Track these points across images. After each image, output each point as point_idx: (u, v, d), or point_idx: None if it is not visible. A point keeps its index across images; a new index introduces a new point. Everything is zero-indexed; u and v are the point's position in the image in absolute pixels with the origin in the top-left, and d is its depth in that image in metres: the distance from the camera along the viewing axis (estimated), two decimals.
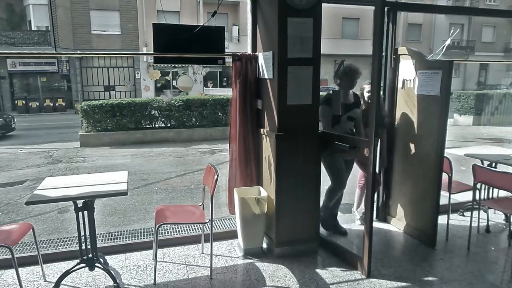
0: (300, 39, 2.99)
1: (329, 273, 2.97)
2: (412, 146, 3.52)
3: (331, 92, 3.44)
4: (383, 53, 3.43)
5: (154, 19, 19.35)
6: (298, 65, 3.03)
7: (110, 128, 10.59)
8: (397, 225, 3.83)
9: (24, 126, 14.36)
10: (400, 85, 3.64)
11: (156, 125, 11.18)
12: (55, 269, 3.02)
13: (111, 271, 2.84)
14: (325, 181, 3.46)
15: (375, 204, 3.79)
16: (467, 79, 29.01)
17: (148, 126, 11.05)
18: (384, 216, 3.97)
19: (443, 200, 3.46)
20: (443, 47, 5.45)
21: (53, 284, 2.70)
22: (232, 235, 3.59)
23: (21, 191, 6.01)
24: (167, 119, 11.10)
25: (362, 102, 3.64)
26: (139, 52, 22.62)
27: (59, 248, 3.42)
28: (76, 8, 20.75)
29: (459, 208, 4.19)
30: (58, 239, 3.71)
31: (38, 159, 8.66)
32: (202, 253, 3.32)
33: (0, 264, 3.03)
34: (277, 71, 3.02)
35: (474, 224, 3.63)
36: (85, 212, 2.72)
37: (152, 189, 6.06)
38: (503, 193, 3.89)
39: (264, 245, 3.38)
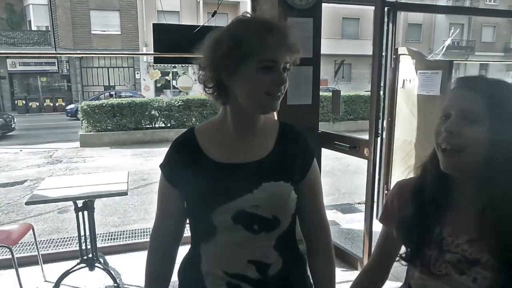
0: (300, 39, 2.98)
1: None
2: (412, 146, 3.52)
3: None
4: (383, 53, 3.42)
5: (154, 19, 19.29)
6: (298, 65, 3.01)
7: (110, 128, 10.59)
8: None
9: (24, 126, 14.35)
10: (400, 85, 3.64)
11: (156, 125, 11.18)
12: (55, 269, 3.01)
13: (111, 271, 2.84)
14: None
15: (375, 204, 3.79)
16: None
17: (148, 126, 11.05)
18: None
19: None
20: (443, 47, 5.47)
21: (53, 284, 2.70)
22: None
23: (21, 191, 6.01)
24: (167, 119, 11.10)
25: None
26: (139, 52, 22.60)
27: (59, 248, 3.42)
28: (76, 8, 20.73)
29: None
30: (58, 239, 3.71)
31: (38, 159, 8.66)
32: None
33: (0, 264, 3.04)
34: None
35: None
36: (85, 212, 2.72)
37: (152, 189, 6.06)
38: None
39: None
